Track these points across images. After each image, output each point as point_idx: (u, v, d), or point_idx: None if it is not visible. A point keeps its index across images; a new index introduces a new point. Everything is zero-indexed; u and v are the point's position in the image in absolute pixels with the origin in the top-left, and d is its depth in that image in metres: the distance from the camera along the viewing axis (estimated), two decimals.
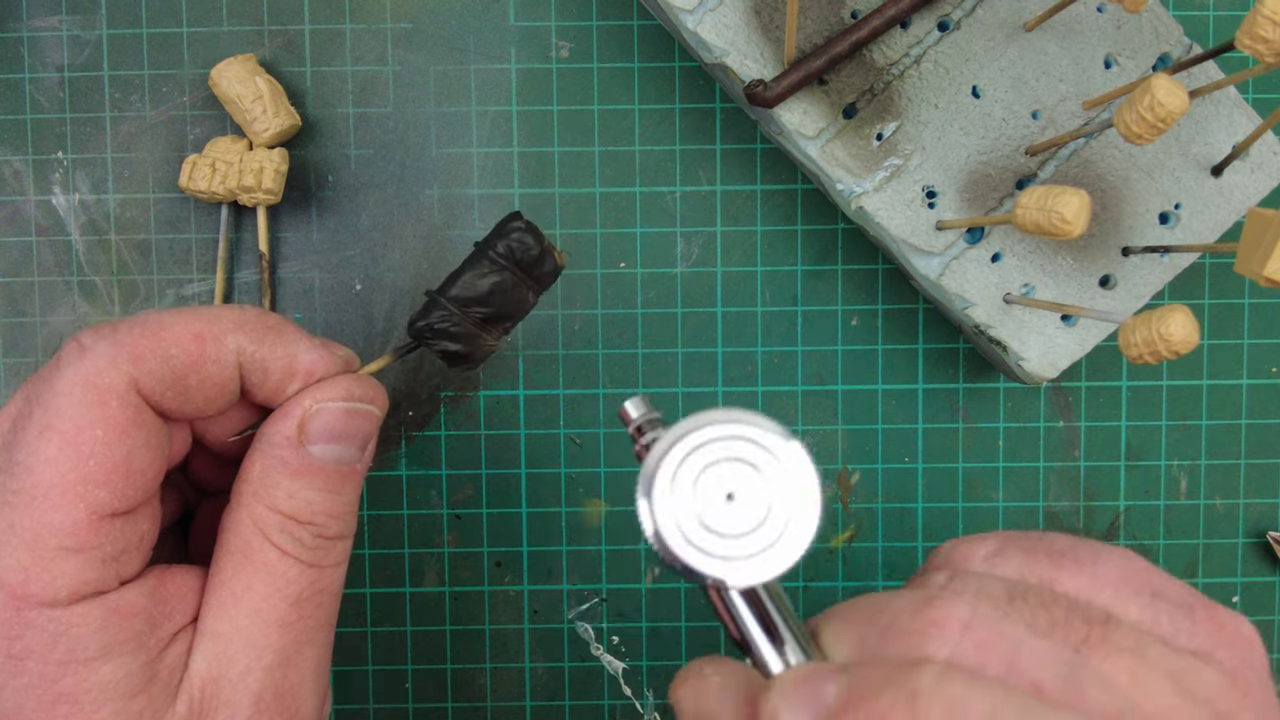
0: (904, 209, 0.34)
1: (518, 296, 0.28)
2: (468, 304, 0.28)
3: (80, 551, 0.23)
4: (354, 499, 0.27)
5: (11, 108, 0.37)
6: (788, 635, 0.24)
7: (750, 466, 0.24)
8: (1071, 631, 0.21)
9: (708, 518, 0.24)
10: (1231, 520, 0.39)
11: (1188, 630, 0.23)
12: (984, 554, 0.24)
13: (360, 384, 0.27)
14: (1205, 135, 0.35)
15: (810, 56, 0.33)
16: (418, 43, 0.37)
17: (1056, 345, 0.35)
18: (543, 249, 0.28)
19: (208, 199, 0.36)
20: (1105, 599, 0.23)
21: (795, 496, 0.24)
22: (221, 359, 0.25)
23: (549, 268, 0.29)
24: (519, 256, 0.28)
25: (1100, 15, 0.34)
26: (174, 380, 0.25)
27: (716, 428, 0.24)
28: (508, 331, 0.29)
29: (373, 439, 0.27)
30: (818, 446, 0.38)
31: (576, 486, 0.38)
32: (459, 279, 0.28)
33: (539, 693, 0.39)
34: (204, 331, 0.25)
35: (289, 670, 0.25)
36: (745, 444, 0.24)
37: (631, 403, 0.28)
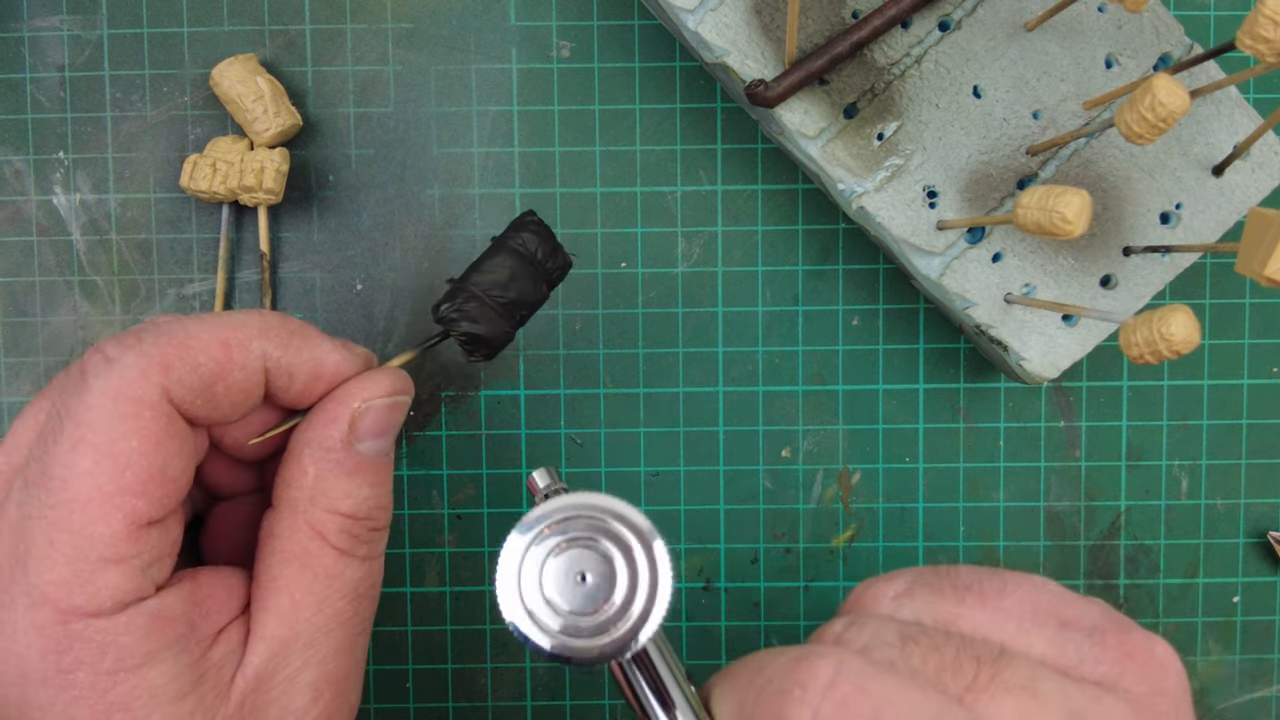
0: (905, 209, 0.34)
1: (535, 286, 0.30)
2: (490, 289, 0.29)
3: (121, 562, 0.23)
4: (390, 486, 0.28)
5: (12, 107, 0.37)
6: (679, 699, 0.24)
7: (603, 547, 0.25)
8: (959, 674, 0.21)
9: (560, 599, 0.24)
10: (1232, 520, 0.39)
11: (1093, 659, 0.22)
12: (893, 594, 0.24)
13: (400, 379, 0.28)
14: (1206, 135, 0.35)
15: (811, 56, 0.33)
16: (419, 42, 0.37)
17: (1057, 345, 0.35)
18: (555, 244, 0.30)
19: (209, 199, 0.36)
20: (1008, 634, 0.23)
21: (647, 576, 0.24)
22: (248, 365, 0.25)
23: (560, 262, 0.30)
24: (534, 248, 0.29)
25: (1101, 15, 0.34)
26: (203, 388, 0.25)
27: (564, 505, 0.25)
28: (523, 321, 0.30)
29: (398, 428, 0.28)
30: (818, 446, 0.38)
31: (577, 486, 0.38)
32: (480, 266, 0.29)
33: (540, 692, 0.39)
34: (230, 339, 0.25)
35: (342, 660, 0.26)
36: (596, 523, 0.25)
37: (539, 473, 0.29)
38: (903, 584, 0.25)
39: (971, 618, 0.23)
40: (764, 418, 0.38)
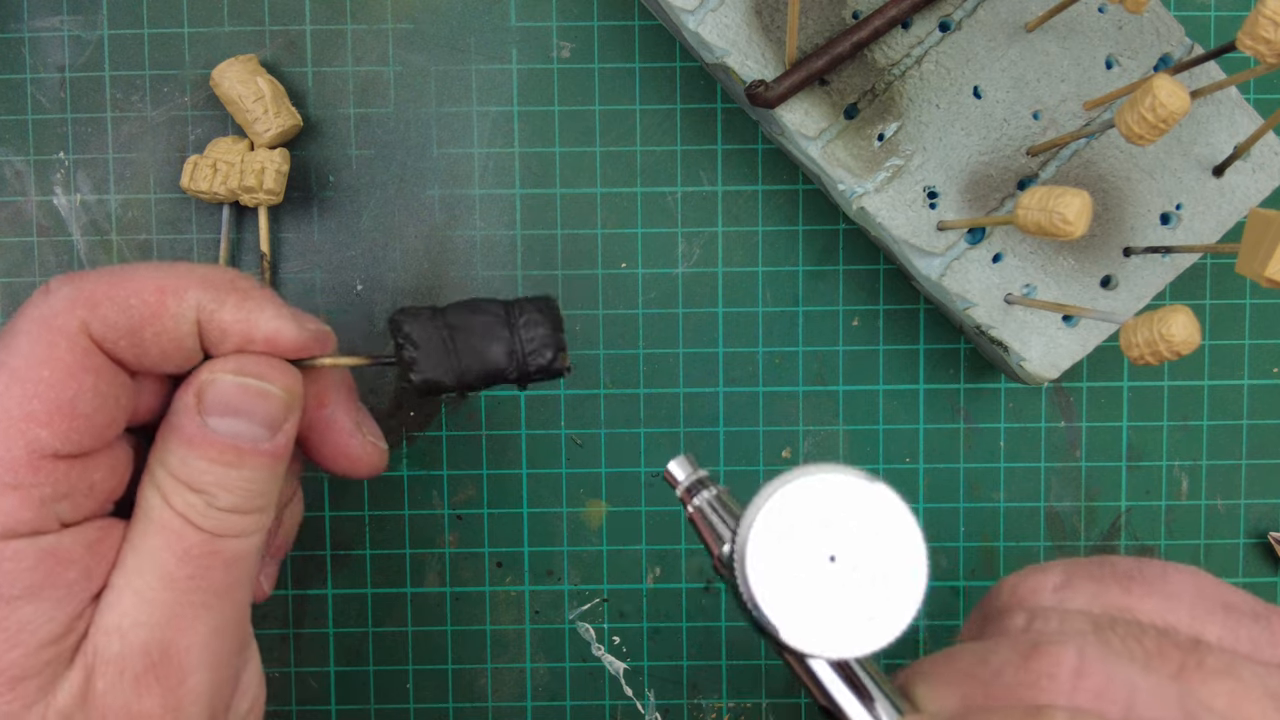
0: (905, 209, 0.34)
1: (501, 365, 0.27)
2: (446, 318, 0.27)
3: (17, 489, 0.23)
4: (260, 477, 0.26)
5: (13, 108, 0.37)
6: (877, 694, 0.22)
7: (852, 526, 0.22)
8: (1167, 660, 0.21)
9: (808, 584, 0.22)
10: (1233, 521, 0.39)
11: (1268, 642, 0.22)
12: (1052, 586, 0.24)
13: (257, 362, 0.26)
14: (1207, 136, 0.35)
15: (811, 57, 0.33)
16: (419, 43, 0.37)
17: (1058, 346, 0.35)
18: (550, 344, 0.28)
19: (209, 199, 0.36)
20: (1182, 620, 0.23)
21: (899, 559, 0.22)
22: (180, 314, 0.25)
23: (545, 364, 0.28)
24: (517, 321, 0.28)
25: (1101, 16, 0.34)
26: (130, 329, 0.25)
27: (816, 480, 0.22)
28: (473, 388, 0.28)
29: (285, 423, 0.26)
30: (819, 447, 0.38)
31: (578, 487, 0.38)
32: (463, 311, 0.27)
33: (540, 693, 0.39)
34: (167, 284, 0.25)
35: (178, 634, 0.25)
36: (851, 504, 0.22)
37: (677, 463, 0.26)
38: (1059, 575, 0.24)
39: (1143, 606, 0.23)
40: (764, 418, 0.38)
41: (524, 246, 0.38)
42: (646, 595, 0.39)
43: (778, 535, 0.22)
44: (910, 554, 0.22)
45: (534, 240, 0.38)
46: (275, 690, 0.38)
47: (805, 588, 0.22)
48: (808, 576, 0.22)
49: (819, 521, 0.22)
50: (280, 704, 0.38)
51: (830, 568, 0.22)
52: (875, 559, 0.22)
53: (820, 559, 0.22)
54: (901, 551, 0.22)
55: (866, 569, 0.22)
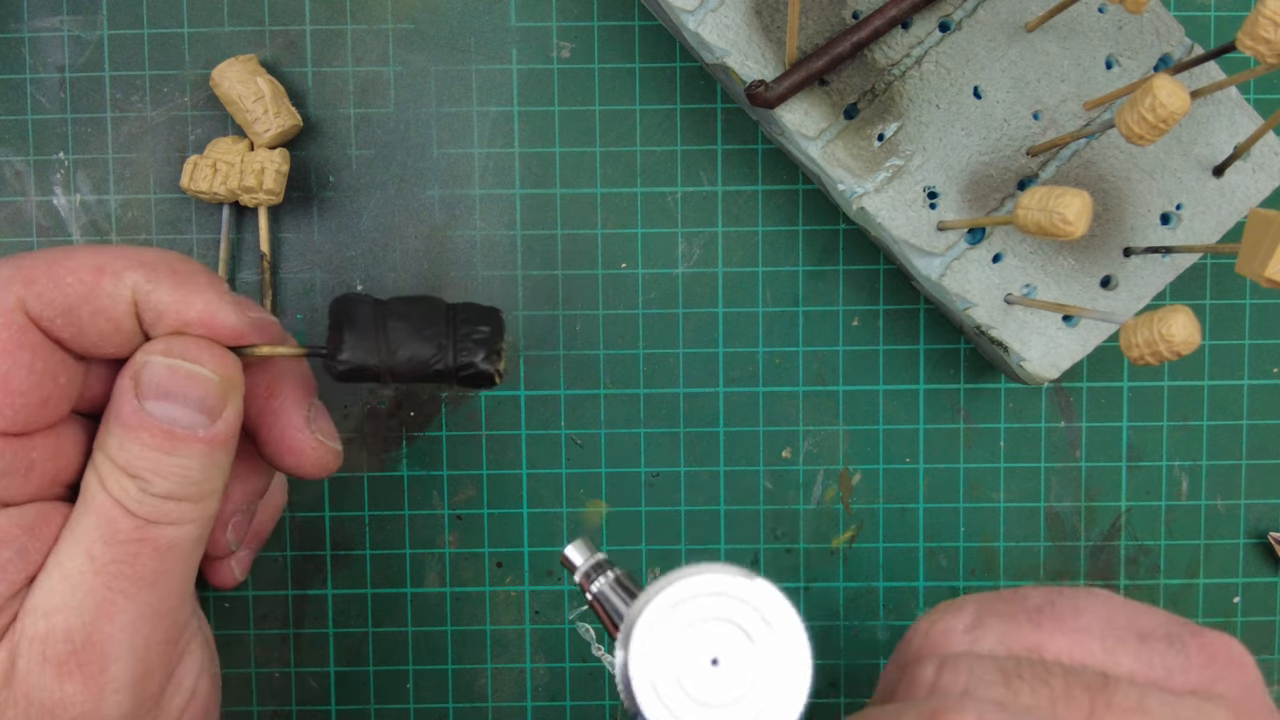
0: (905, 209, 0.34)
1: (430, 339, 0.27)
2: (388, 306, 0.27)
3: None
4: (196, 464, 0.25)
5: (13, 108, 0.37)
6: None
7: (738, 629, 0.22)
8: (1074, 706, 0.21)
9: (689, 683, 0.22)
10: (1233, 521, 0.39)
11: (1181, 668, 0.22)
12: (963, 628, 0.24)
13: (187, 343, 0.26)
14: (1207, 136, 0.35)
15: (811, 57, 0.33)
16: (419, 43, 0.37)
17: (1058, 346, 0.35)
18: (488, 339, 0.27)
19: (209, 199, 0.36)
20: (1094, 654, 0.22)
21: (782, 660, 0.22)
22: (116, 294, 0.25)
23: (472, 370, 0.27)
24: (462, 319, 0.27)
25: (1101, 16, 0.34)
26: (66, 308, 0.25)
27: (704, 581, 0.22)
28: (391, 374, 0.27)
29: (222, 409, 0.26)
30: (819, 447, 0.38)
31: (577, 487, 0.38)
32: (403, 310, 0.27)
33: (540, 693, 0.39)
34: (104, 264, 0.25)
35: (100, 619, 0.24)
36: (734, 603, 0.22)
37: (573, 548, 0.26)
38: (970, 615, 0.24)
39: (1054, 643, 0.23)
40: (764, 418, 0.38)
41: (524, 246, 0.38)
42: None
43: (660, 638, 0.22)
44: (794, 657, 0.22)
45: (534, 240, 0.38)
46: (275, 690, 0.38)
47: (689, 693, 0.22)
48: (691, 681, 0.22)
49: (701, 624, 0.22)
50: (280, 704, 0.38)
51: (712, 671, 0.22)
52: (758, 662, 0.22)
53: (702, 662, 0.22)
54: (785, 652, 0.22)
55: (749, 672, 0.22)
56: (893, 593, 0.39)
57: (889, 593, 0.39)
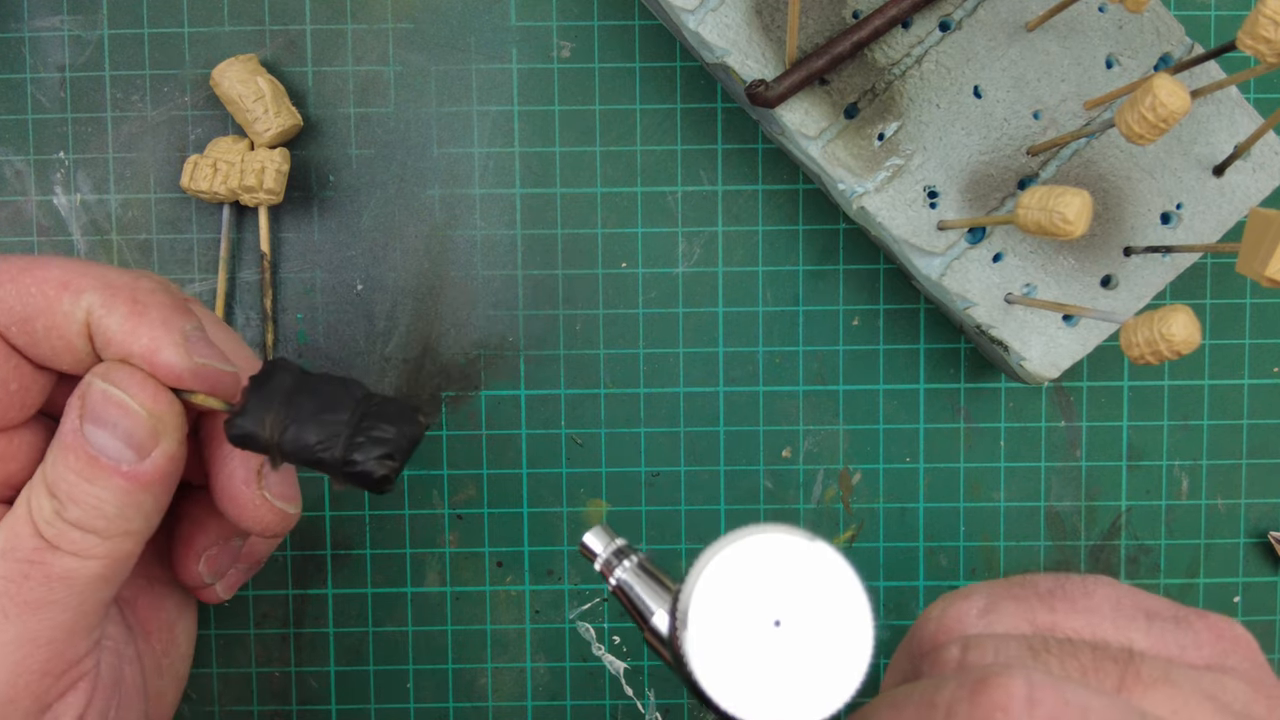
0: (905, 209, 0.34)
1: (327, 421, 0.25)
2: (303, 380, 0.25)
3: None
4: (111, 499, 0.25)
5: (13, 108, 0.37)
6: None
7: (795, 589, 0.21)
8: (1105, 676, 0.21)
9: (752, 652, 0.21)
10: (1233, 520, 0.39)
11: (1193, 645, 0.22)
12: (976, 612, 0.24)
13: (122, 373, 0.25)
14: (1207, 135, 0.35)
15: (812, 56, 0.33)
16: (419, 43, 0.37)
17: (1058, 345, 0.35)
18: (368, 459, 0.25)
19: (209, 199, 0.36)
20: (1107, 632, 0.23)
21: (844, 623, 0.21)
22: (71, 313, 0.25)
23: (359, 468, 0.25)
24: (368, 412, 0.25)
25: (1102, 15, 0.34)
26: (23, 318, 0.25)
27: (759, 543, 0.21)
28: (278, 451, 0.25)
29: (151, 448, 0.25)
30: (819, 447, 0.38)
31: (578, 486, 0.38)
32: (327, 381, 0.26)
33: (540, 693, 0.39)
34: (69, 280, 0.25)
35: None
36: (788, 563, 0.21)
37: (592, 535, 0.25)
38: (982, 600, 0.24)
39: (1069, 622, 0.23)
40: (764, 418, 0.38)
41: (524, 246, 0.38)
42: None
43: (720, 601, 0.21)
44: (856, 617, 0.21)
45: (534, 240, 0.38)
46: (275, 690, 0.38)
47: (749, 656, 0.21)
48: (751, 644, 0.21)
49: (762, 586, 0.21)
50: (280, 704, 0.38)
51: (774, 633, 0.21)
52: (820, 624, 0.21)
53: (764, 625, 0.21)
54: (847, 615, 0.21)
55: (811, 635, 0.21)
56: (893, 592, 0.39)
57: (889, 592, 0.39)
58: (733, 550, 0.22)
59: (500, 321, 0.38)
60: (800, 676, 0.21)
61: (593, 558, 0.26)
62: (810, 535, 0.22)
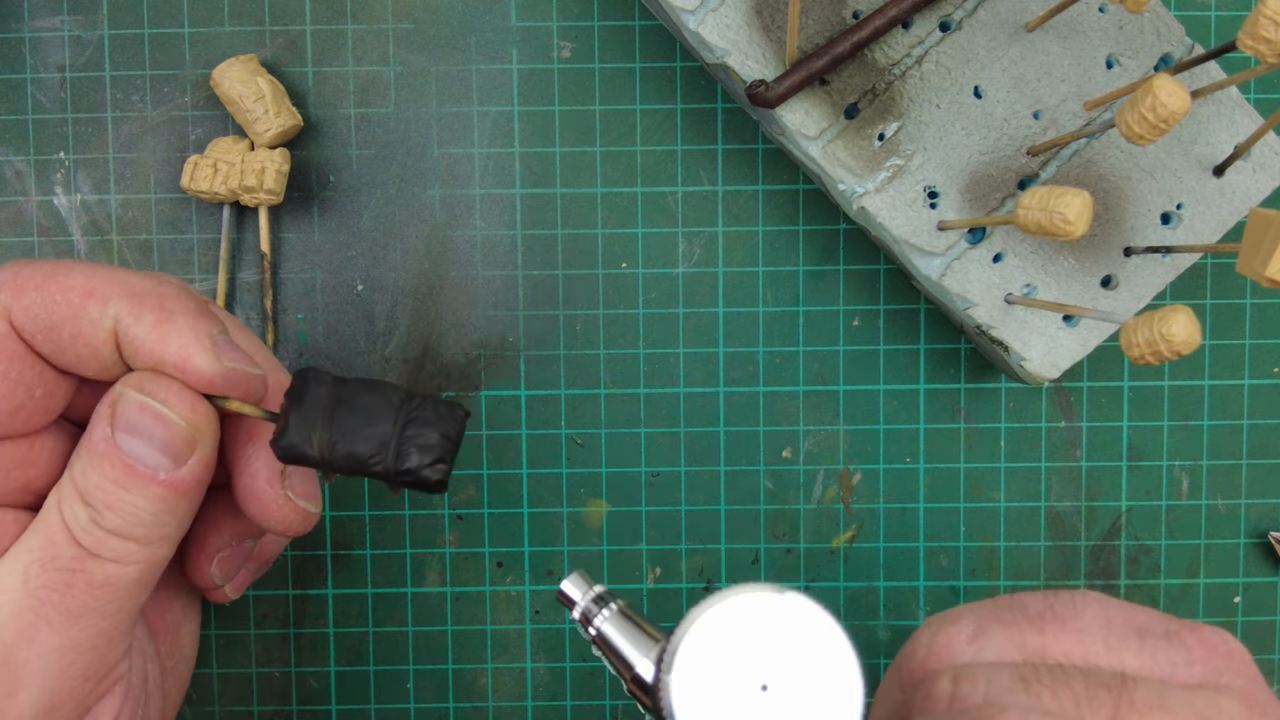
0: (905, 209, 0.34)
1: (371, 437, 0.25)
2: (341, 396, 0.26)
3: None
4: (146, 505, 0.25)
5: (13, 108, 0.37)
6: None
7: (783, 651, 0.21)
8: (1097, 706, 0.21)
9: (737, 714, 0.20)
10: (1233, 520, 0.39)
11: (1185, 662, 0.22)
12: (965, 639, 0.23)
13: (159, 383, 0.25)
14: (1207, 135, 0.35)
15: (812, 57, 0.33)
16: (419, 43, 0.37)
17: (1058, 345, 0.35)
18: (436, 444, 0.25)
19: (209, 199, 0.36)
20: (1099, 654, 0.22)
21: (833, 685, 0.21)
22: (98, 321, 0.25)
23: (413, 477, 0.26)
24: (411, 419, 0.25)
25: (1102, 15, 0.34)
26: (49, 325, 0.25)
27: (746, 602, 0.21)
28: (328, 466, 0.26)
29: (188, 455, 0.25)
30: (819, 447, 0.38)
31: (578, 487, 0.38)
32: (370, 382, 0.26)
33: (540, 693, 0.39)
34: (95, 289, 0.25)
35: (20, 641, 0.24)
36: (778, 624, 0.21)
37: (570, 581, 0.25)
38: (970, 625, 0.23)
39: (1059, 645, 0.22)
40: (765, 418, 0.38)
41: (524, 246, 0.38)
42: (647, 595, 0.39)
43: (706, 662, 0.21)
44: (845, 682, 0.21)
45: (534, 240, 0.38)
46: (275, 690, 0.38)
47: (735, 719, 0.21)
48: (739, 708, 0.21)
49: (749, 647, 0.21)
50: (280, 704, 0.38)
51: (761, 697, 0.21)
52: (808, 688, 0.21)
53: (751, 688, 0.21)
54: (836, 680, 0.21)
55: (799, 699, 0.21)
56: (893, 593, 0.39)
57: (889, 593, 0.39)
58: (719, 610, 0.21)
59: (500, 322, 0.38)
60: None
61: (571, 605, 0.25)
62: (799, 593, 0.21)
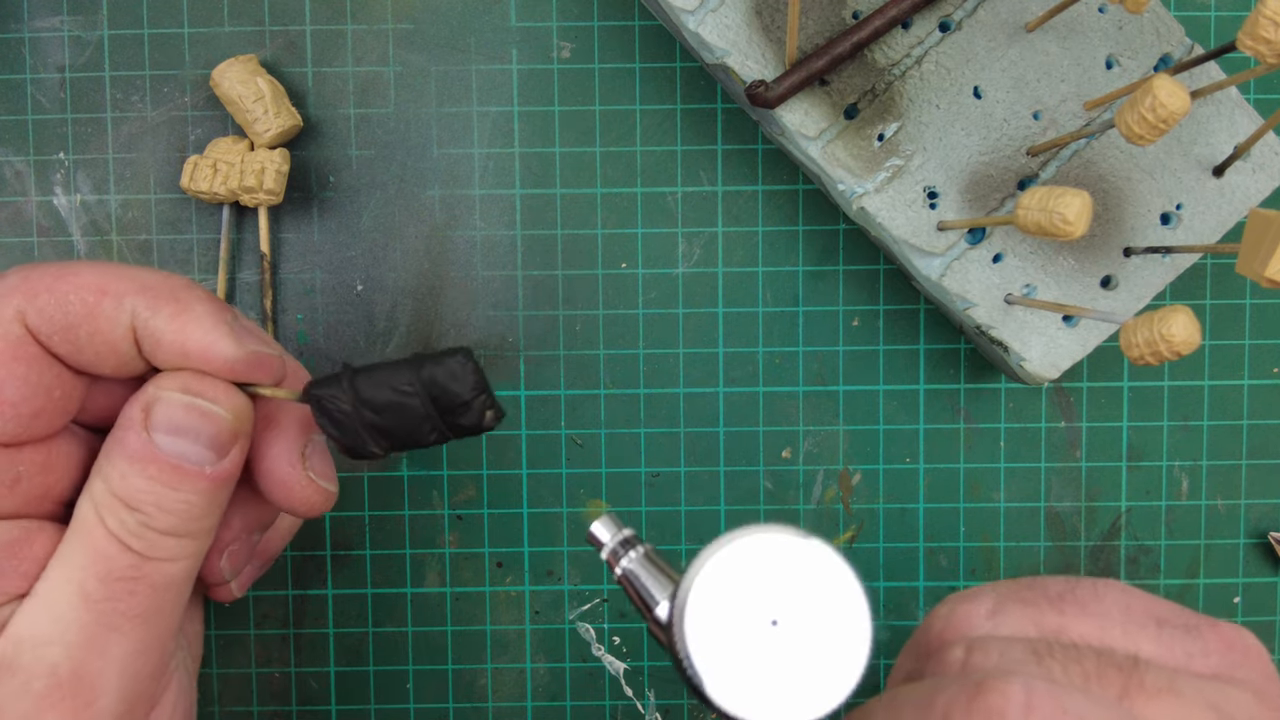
0: (905, 210, 0.34)
1: (414, 426, 0.27)
2: (364, 403, 0.26)
3: None
4: (197, 501, 0.25)
5: (13, 108, 0.37)
6: None
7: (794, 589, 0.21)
8: (1107, 684, 0.21)
9: (749, 650, 0.21)
10: (1233, 521, 0.39)
11: (1201, 653, 0.22)
12: (984, 614, 0.24)
13: (204, 382, 0.25)
14: (1207, 136, 0.35)
15: (812, 57, 0.33)
16: (419, 43, 0.37)
17: (1058, 346, 0.35)
18: (470, 400, 0.26)
19: (209, 200, 0.36)
20: (1116, 637, 0.22)
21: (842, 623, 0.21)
22: (115, 318, 0.25)
23: (469, 421, 0.27)
24: (436, 394, 0.26)
25: (1102, 16, 0.34)
26: (65, 326, 0.24)
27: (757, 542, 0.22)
28: (393, 450, 0.27)
29: (231, 447, 0.26)
30: (819, 447, 0.38)
31: (577, 487, 0.38)
32: (375, 373, 0.27)
33: (540, 693, 0.39)
34: (108, 287, 0.25)
35: (91, 654, 0.24)
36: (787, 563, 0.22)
37: (600, 524, 0.26)
38: (990, 601, 0.24)
39: (1077, 626, 0.23)
40: (764, 418, 0.38)
41: (524, 246, 0.38)
42: None
43: (718, 600, 0.21)
44: (854, 617, 0.21)
45: (534, 240, 0.38)
46: (275, 690, 0.38)
47: (746, 654, 0.21)
48: (748, 642, 0.21)
49: (760, 585, 0.22)
50: (280, 704, 0.38)
51: (771, 632, 0.21)
52: (818, 623, 0.21)
53: (761, 623, 0.21)
54: (845, 615, 0.21)
55: (809, 634, 0.21)
56: (893, 593, 0.39)
57: (889, 593, 0.39)
58: (731, 549, 0.22)
59: (500, 322, 0.38)
60: (798, 675, 0.21)
61: (600, 546, 0.26)
62: (808, 534, 0.22)
